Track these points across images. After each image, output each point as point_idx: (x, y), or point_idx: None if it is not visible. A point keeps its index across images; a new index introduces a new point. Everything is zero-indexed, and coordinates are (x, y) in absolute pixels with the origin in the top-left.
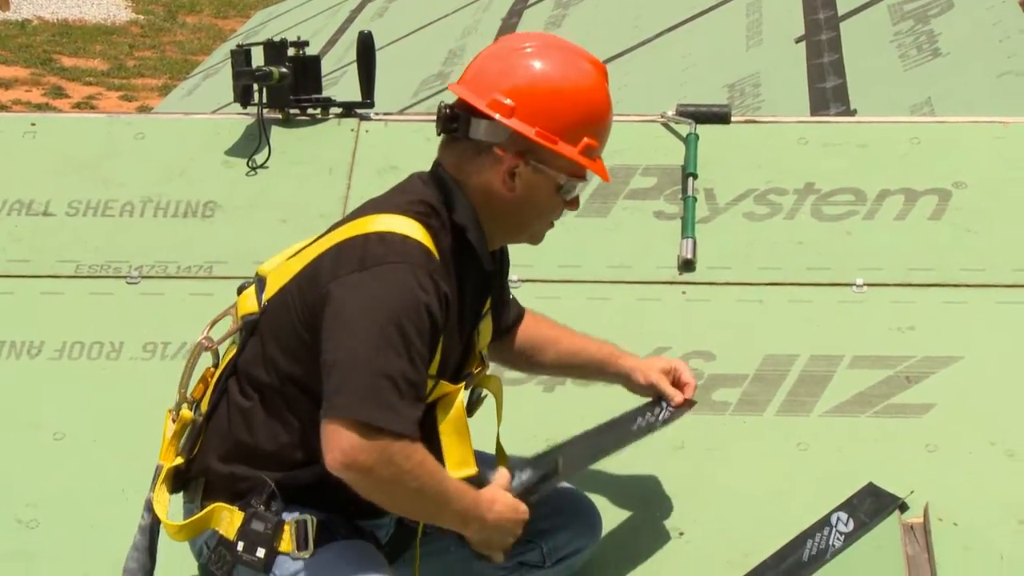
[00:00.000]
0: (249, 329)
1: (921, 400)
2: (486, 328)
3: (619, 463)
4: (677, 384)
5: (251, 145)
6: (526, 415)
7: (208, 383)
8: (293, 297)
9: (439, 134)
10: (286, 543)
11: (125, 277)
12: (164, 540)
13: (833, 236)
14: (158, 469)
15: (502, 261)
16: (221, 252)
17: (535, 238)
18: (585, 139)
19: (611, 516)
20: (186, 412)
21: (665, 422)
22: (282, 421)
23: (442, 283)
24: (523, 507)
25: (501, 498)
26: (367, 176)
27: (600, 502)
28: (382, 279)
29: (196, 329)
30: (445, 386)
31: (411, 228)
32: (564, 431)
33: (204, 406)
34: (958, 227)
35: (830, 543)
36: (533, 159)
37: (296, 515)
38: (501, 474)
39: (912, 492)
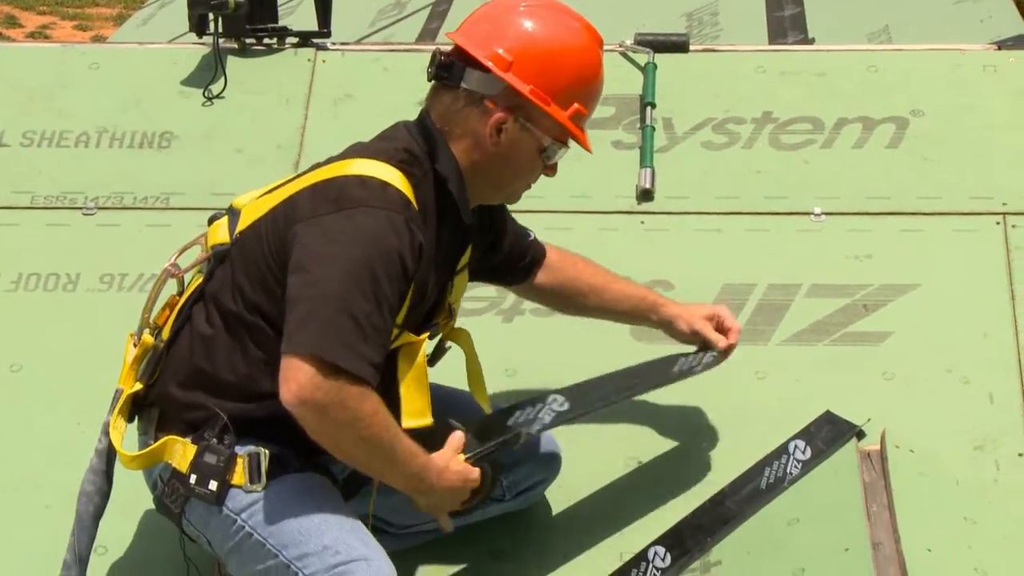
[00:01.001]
0: (219, 258)
1: (878, 328)
2: (460, 282)
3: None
4: (720, 329)
5: (207, 75)
6: (486, 345)
7: (172, 310)
8: (267, 230)
9: (430, 80)
10: (238, 476)
11: (81, 208)
12: (121, 468)
13: (791, 165)
14: (117, 393)
15: (491, 216)
16: (177, 183)
17: (511, 197)
18: (575, 104)
19: (570, 447)
20: (148, 337)
21: (707, 366)
22: (243, 351)
23: (418, 232)
24: (474, 474)
25: (453, 466)
26: (324, 106)
27: (559, 433)
28: (357, 221)
29: (153, 260)
30: (409, 336)
31: (391, 175)
32: (524, 361)
33: (166, 333)
34: (915, 155)
35: (788, 471)
36: (522, 116)
37: (249, 448)
38: (456, 437)
39: (869, 420)
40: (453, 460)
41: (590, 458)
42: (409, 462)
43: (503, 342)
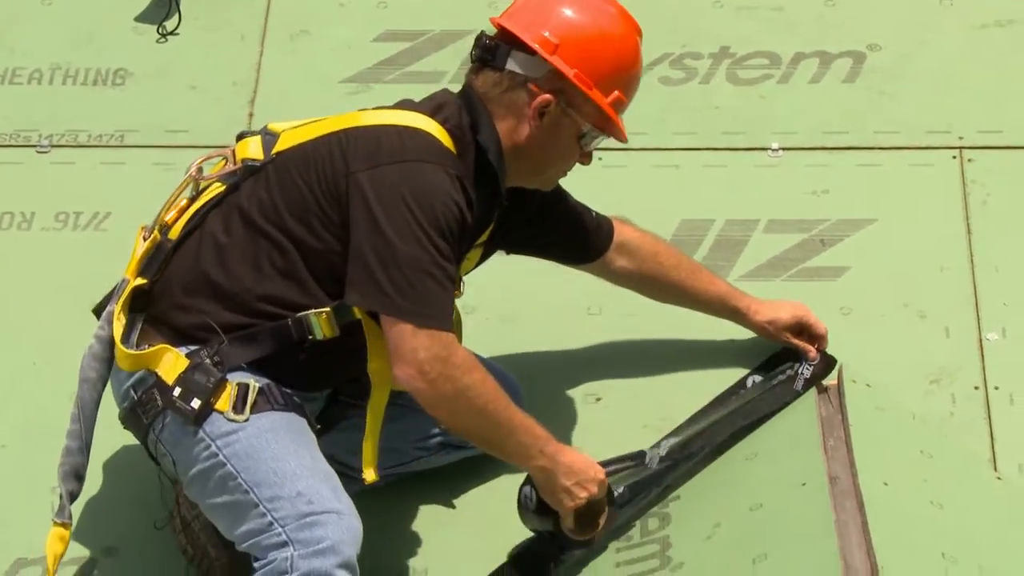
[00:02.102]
0: (249, 171)
1: (835, 263)
2: (473, 256)
3: (534, 332)
4: (805, 332)
5: (161, 11)
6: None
7: (181, 212)
8: (318, 159)
9: (473, 62)
10: (223, 402)
11: (35, 146)
12: None
13: (748, 100)
14: (123, 284)
15: (523, 199)
16: (132, 121)
17: (547, 183)
18: (616, 92)
19: (528, 385)
20: (158, 234)
21: (808, 382)
22: (255, 266)
23: (470, 191)
24: (601, 473)
25: (578, 454)
26: (279, 42)
27: (517, 372)
28: (423, 177)
29: (109, 199)
30: None
31: (444, 137)
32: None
33: (174, 233)
34: (872, 90)
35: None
36: (564, 100)
37: (240, 377)
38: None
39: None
40: (579, 453)
41: (548, 397)
42: (528, 430)
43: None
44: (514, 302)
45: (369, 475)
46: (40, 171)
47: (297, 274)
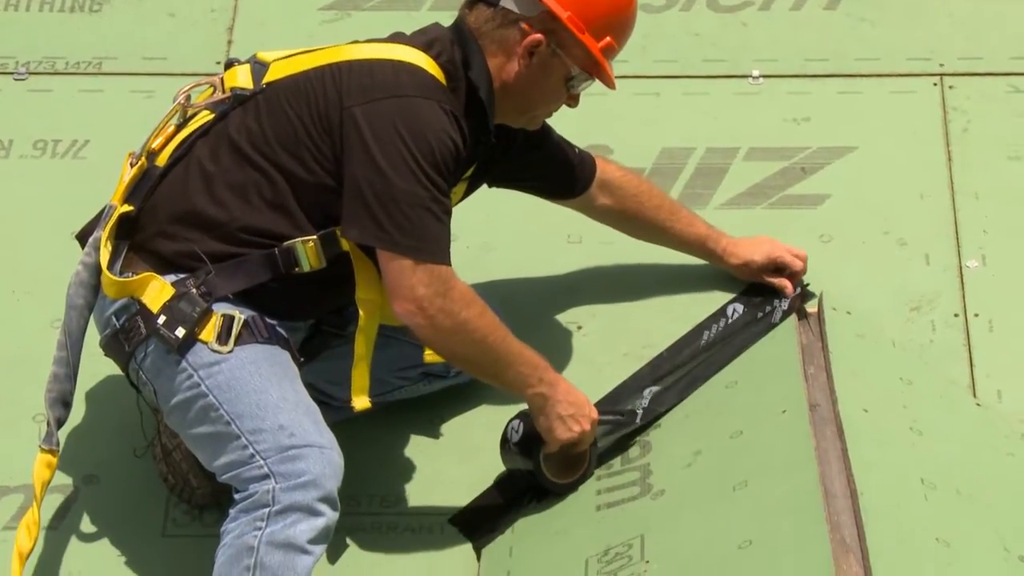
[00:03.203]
0: (238, 100)
1: (816, 191)
2: (458, 190)
3: (515, 260)
4: (783, 271)
5: None
6: None
7: (168, 140)
8: (311, 91)
9: None
10: (208, 332)
11: (12, 73)
12: None
13: (729, 27)
14: (110, 209)
15: (508, 135)
16: (110, 47)
17: (532, 123)
18: (608, 37)
19: (510, 313)
20: (144, 161)
21: (786, 313)
22: (243, 196)
23: (464, 127)
24: (595, 412)
25: (574, 388)
26: None
27: (499, 300)
28: (418, 112)
29: (87, 126)
30: None
31: (436, 72)
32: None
33: (161, 160)
34: (853, 16)
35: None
36: (555, 41)
37: (225, 308)
38: None
39: (807, 284)
40: (575, 387)
41: (531, 327)
42: (527, 361)
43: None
44: (495, 231)
45: (360, 402)
46: (17, 98)
47: (286, 206)
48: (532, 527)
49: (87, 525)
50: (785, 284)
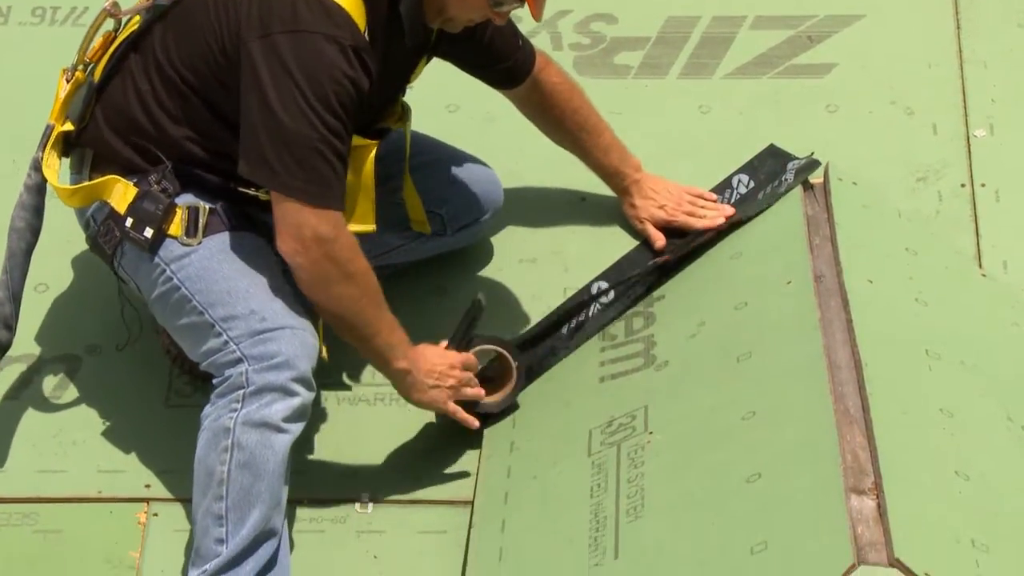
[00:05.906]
0: (158, 13)
1: (822, 60)
2: (416, 75)
3: (514, 134)
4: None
5: None
6: None
7: (106, 49)
8: (216, 12)
9: None
10: (175, 227)
11: None
12: (55, 207)
13: None
14: (48, 129)
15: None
16: None
17: (449, 26)
18: None
19: (513, 182)
20: (80, 74)
21: (791, 185)
22: (174, 118)
23: (368, 60)
24: (458, 357)
25: (429, 349)
26: None
27: (503, 170)
28: (316, 50)
29: None
30: (358, 140)
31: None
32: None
33: (98, 72)
34: None
35: (732, 204)
36: None
37: (189, 200)
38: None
39: (813, 153)
40: (429, 347)
41: (534, 195)
42: (391, 333)
43: None
44: (496, 100)
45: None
46: None
47: (216, 132)
48: (535, 399)
49: (90, 394)
50: (658, 236)
